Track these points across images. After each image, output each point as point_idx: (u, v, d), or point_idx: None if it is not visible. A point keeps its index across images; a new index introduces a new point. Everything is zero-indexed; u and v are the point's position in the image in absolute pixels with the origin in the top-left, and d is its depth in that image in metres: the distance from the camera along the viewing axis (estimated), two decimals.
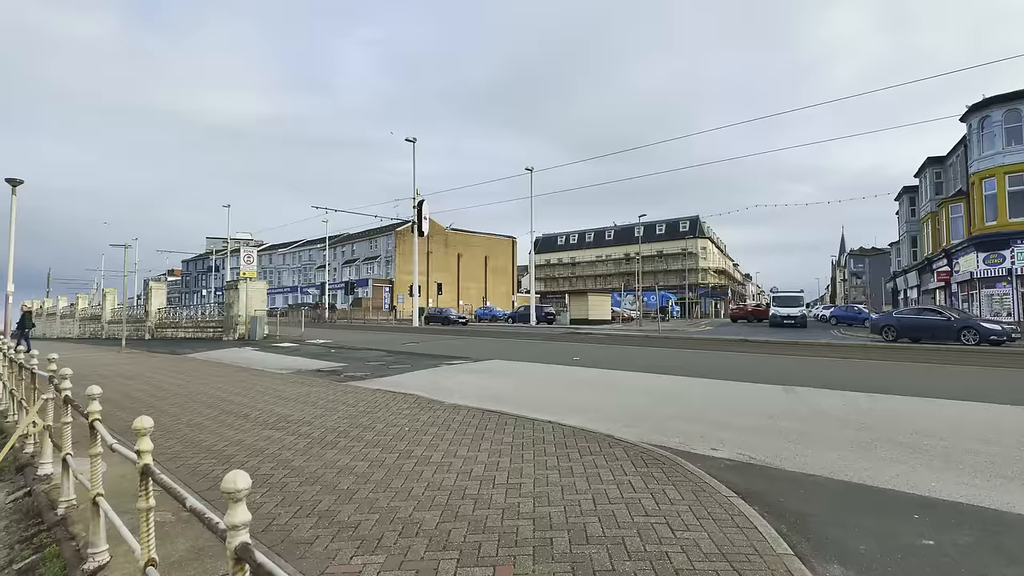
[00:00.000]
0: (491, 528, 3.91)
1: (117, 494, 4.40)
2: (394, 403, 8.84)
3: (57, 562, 3.94)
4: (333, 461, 5.65)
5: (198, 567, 3.57)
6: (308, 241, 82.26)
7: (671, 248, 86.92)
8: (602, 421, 7.57)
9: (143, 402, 9.52)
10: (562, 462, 5.43)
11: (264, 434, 6.91)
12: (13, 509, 5.32)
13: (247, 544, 1.76)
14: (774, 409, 8.51)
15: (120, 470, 5.44)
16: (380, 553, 3.58)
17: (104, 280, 72.50)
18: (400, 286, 70.04)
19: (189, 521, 4.24)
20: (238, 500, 1.80)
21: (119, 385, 11.74)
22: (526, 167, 45.66)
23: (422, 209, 45.12)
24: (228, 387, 11.14)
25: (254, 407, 8.76)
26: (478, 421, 7.37)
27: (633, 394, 10.02)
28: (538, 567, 3.35)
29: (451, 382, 11.78)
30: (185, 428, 7.34)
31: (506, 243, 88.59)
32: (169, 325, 34.06)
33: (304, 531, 3.96)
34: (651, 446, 6.11)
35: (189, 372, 14.23)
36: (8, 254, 21.79)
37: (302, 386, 11.08)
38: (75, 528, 4.41)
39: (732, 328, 39.45)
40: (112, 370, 14.92)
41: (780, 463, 5.77)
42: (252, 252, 31.88)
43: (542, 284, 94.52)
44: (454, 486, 4.81)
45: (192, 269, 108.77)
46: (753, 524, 4.02)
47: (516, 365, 14.99)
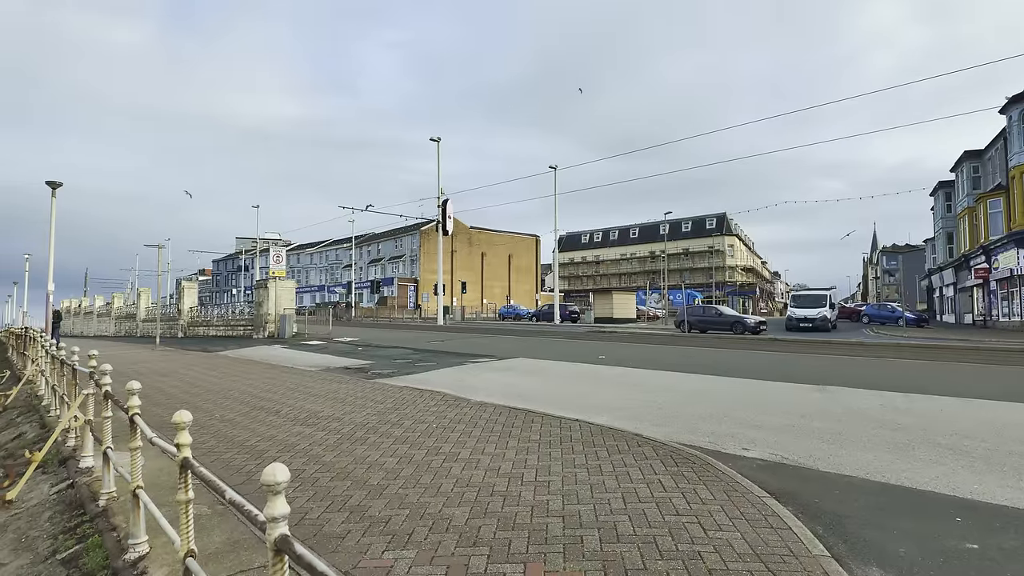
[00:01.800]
0: (521, 525, 3.91)
1: (154, 487, 4.51)
2: (421, 400, 8.90)
3: (99, 552, 4.06)
4: (363, 457, 5.71)
5: (234, 559, 3.64)
6: (335, 241, 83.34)
7: (697, 246, 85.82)
8: (629, 420, 7.51)
9: (177, 398, 9.76)
10: (590, 460, 5.40)
11: (295, 430, 7.02)
12: (57, 500, 5.50)
13: (287, 536, 1.79)
14: (806, 409, 8.35)
15: (157, 464, 5.58)
16: (411, 548, 3.61)
17: (138, 280, 74.44)
18: (425, 285, 70.52)
19: (224, 514, 4.33)
20: (277, 493, 1.83)
21: (154, 381, 12.05)
22: (550, 165, 45.62)
23: (446, 208, 45.32)
24: (259, 384, 11.35)
25: (285, 403, 8.91)
26: (504, 419, 7.37)
27: (660, 393, 9.92)
28: (569, 565, 3.33)
29: (476, 380, 11.82)
30: (218, 424, 7.50)
31: (529, 242, 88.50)
32: (201, 323, 34.85)
33: (336, 525, 4.01)
34: (680, 445, 6.05)
35: (221, 369, 14.54)
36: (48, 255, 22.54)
37: (331, 383, 11.23)
38: (116, 519, 4.53)
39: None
40: (147, 367, 15.32)
41: (814, 463, 5.66)
42: (281, 252, 32.44)
43: (566, 283, 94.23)
44: (482, 483, 4.83)
45: (222, 269, 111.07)
46: (787, 525, 3.94)
47: (541, 363, 14.98)
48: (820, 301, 33.13)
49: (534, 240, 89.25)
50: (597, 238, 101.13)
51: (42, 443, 6.93)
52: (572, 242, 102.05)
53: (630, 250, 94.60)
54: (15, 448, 8.17)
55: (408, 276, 75.05)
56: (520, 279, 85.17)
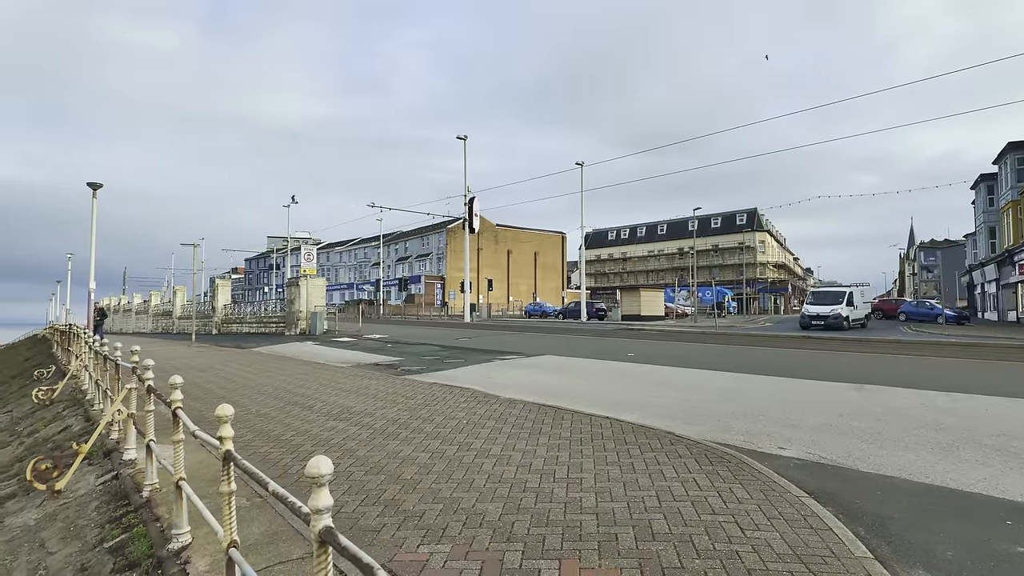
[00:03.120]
0: (554, 522, 3.90)
1: (194, 479, 4.62)
2: (451, 396, 8.95)
3: (144, 541, 4.18)
4: (395, 452, 5.77)
5: (273, 551, 3.71)
6: (363, 239, 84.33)
7: (727, 242, 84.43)
8: (661, 418, 7.43)
9: (214, 393, 9.99)
10: (623, 458, 5.36)
11: (328, 424, 7.13)
12: (102, 491, 5.68)
13: (331, 527, 1.81)
14: (844, 408, 8.15)
15: (196, 456, 5.73)
16: (445, 542, 3.63)
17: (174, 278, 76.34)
18: (451, 282, 70.88)
19: (262, 507, 4.42)
20: (321, 485, 1.85)
21: (191, 376, 12.36)
22: (577, 162, 45.30)
23: (473, 206, 45.41)
24: (292, 379, 11.55)
25: (318, 399, 9.05)
26: (534, 416, 7.37)
27: (691, 391, 9.79)
28: (604, 562, 3.31)
29: (505, 377, 11.83)
30: (254, 418, 7.66)
31: (556, 239, 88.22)
32: (234, 320, 35.64)
33: (371, 519, 4.06)
34: (714, 444, 5.96)
35: (255, 365, 14.85)
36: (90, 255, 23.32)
37: (362, 379, 11.37)
38: (159, 510, 4.66)
39: (792, 324, 38.02)
40: (184, 363, 15.73)
41: (853, 463, 5.52)
42: (312, 250, 32.96)
43: (592, 280, 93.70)
44: (514, 479, 4.83)
45: (254, 267, 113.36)
46: (828, 525, 3.85)
47: (569, 361, 14.93)
48: (838, 298, 30.63)
49: (560, 237, 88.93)
50: (624, 235, 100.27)
51: (87, 436, 7.16)
52: (599, 239, 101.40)
53: (658, 247, 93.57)
54: (62, 440, 8.47)
55: (435, 274, 75.55)
56: (546, 276, 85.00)
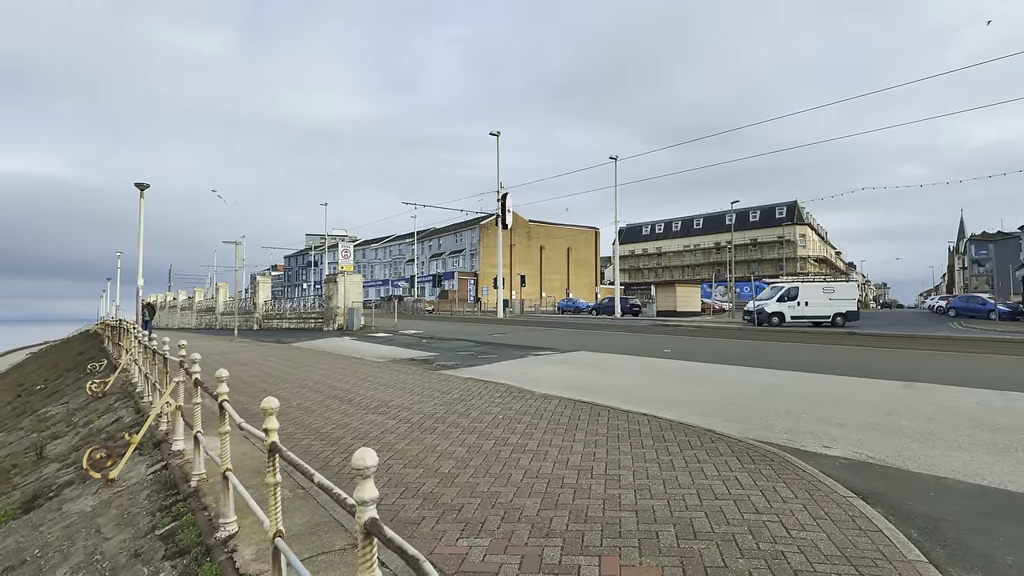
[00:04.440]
0: (593, 518, 3.87)
1: (239, 470, 4.74)
2: (486, 392, 8.98)
3: (193, 529, 4.32)
4: (433, 445, 5.82)
5: (315, 541, 3.78)
6: (398, 236, 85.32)
7: (766, 236, 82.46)
8: (699, 415, 7.31)
9: (256, 386, 10.26)
10: (661, 455, 5.29)
11: (367, 418, 7.24)
12: (153, 480, 5.90)
13: (376, 519, 1.82)
14: (892, 406, 7.87)
15: (240, 448, 5.89)
16: (484, 536, 3.64)
17: (217, 275, 78.65)
18: (484, 278, 71.13)
19: (304, 498, 4.51)
20: (367, 477, 1.87)
21: (234, 371, 12.71)
22: (610, 156, 44.87)
23: (506, 202, 45.44)
24: (331, 374, 11.78)
25: (356, 393, 9.20)
26: (570, 412, 7.33)
27: (730, 388, 9.60)
28: (645, 560, 3.27)
29: (539, 372, 11.81)
30: (295, 411, 7.83)
31: (589, 234, 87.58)
32: (274, 316, 36.53)
33: (411, 512, 4.10)
34: (756, 442, 5.83)
35: (295, 360, 15.19)
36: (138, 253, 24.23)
37: (399, 374, 11.51)
38: (206, 499, 4.81)
39: None
40: (227, 357, 16.19)
41: (903, 463, 5.32)
42: (349, 247, 33.54)
43: (626, 275, 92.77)
44: (552, 474, 4.81)
45: (293, 264, 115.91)
46: (877, 527, 3.73)
47: (604, 357, 14.81)
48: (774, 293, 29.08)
49: (593, 233, 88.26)
50: (659, 229, 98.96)
51: (138, 427, 7.44)
52: (633, 234, 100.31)
53: (694, 241, 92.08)
54: (114, 431, 8.82)
55: (468, 270, 75.89)
56: (579, 272, 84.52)
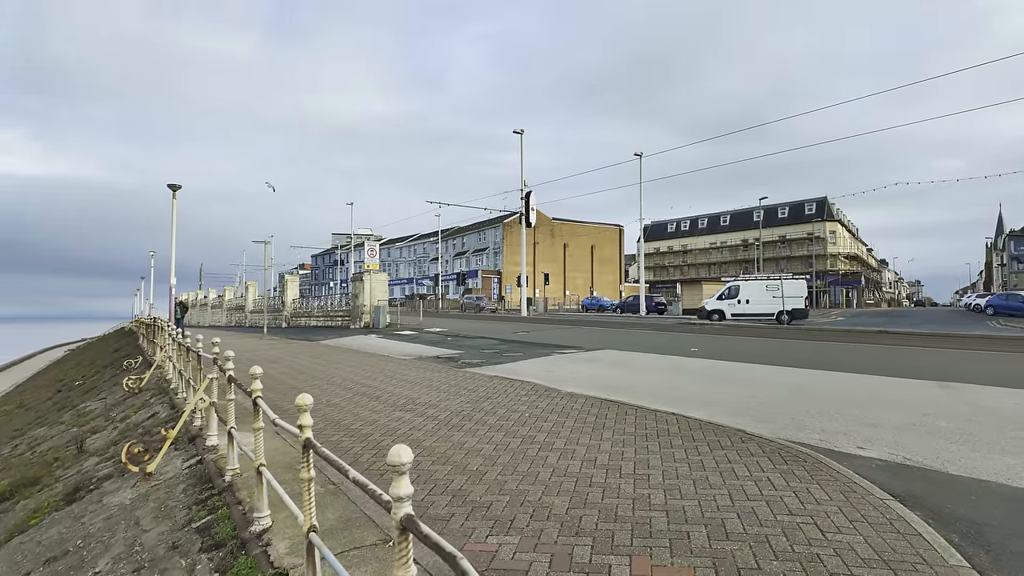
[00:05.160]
0: (623, 517, 3.85)
1: (271, 465, 4.80)
2: (511, 390, 8.99)
3: (228, 523, 4.41)
4: (460, 443, 5.85)
5: (347, 536, 3.83)
6: (422, 235, 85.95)
7: (795, 232, 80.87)
8: (729, 415, 7.21)
9: (286, 383, 10.43)
10: (691, 455, 5.23)
11: (395, 415, 7.31)
12: (188, 474, 6.04)
13: (412, 515, 1.84)
14: (928, 407, 7.66)
15: (272, 444, 6.00)
16: (514, 534, 3.65)
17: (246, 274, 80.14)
18: (508, 276, 71.20)
19: (336, 493, 4.58)
20: (402, 473, 1.88)
21: (265, 368, 12.84)
22: (635, 152, 44.51)
23: (529, 200, 45.39)
24: (359, 371, 11.92)
25: (383, 390, 9.30)
26: (597, 410, 7.30)
27: (760, 387, 9.45)
28: (676, 560, 3.24)
29: (565, 371, 11.78)
30: (324, 408, 7.95)
31: (613, 232, 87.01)
32: (302, 314, 37.12)
33: (440, 508, 4.13)
34: (788, 442, 5.73)
35: (323, 357, 15.41)
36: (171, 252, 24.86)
37: (425, 371, 11.59)
38: (240, 494, 4.91)
39: (866, 318, 36.12)
40: (257, 354, 16.49)
41: (942, 465, 5.18)
42: (375, 246, 33.88)
43: (651, 273, 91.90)
44: (580, 473, 4.80)
45: (320, 263, 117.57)
46: (916, 530, 3.63)
47: (630, 355, 14.71)
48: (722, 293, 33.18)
49: (617, 230, 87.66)
50: (684, 226, 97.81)
51: (173, 422, 7.63)
52: (658, 231, 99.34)
53: (720, 238, 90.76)
54: (151, 426, 9.06)
55: (491, 268, 76.05)
56: (603, 270, 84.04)
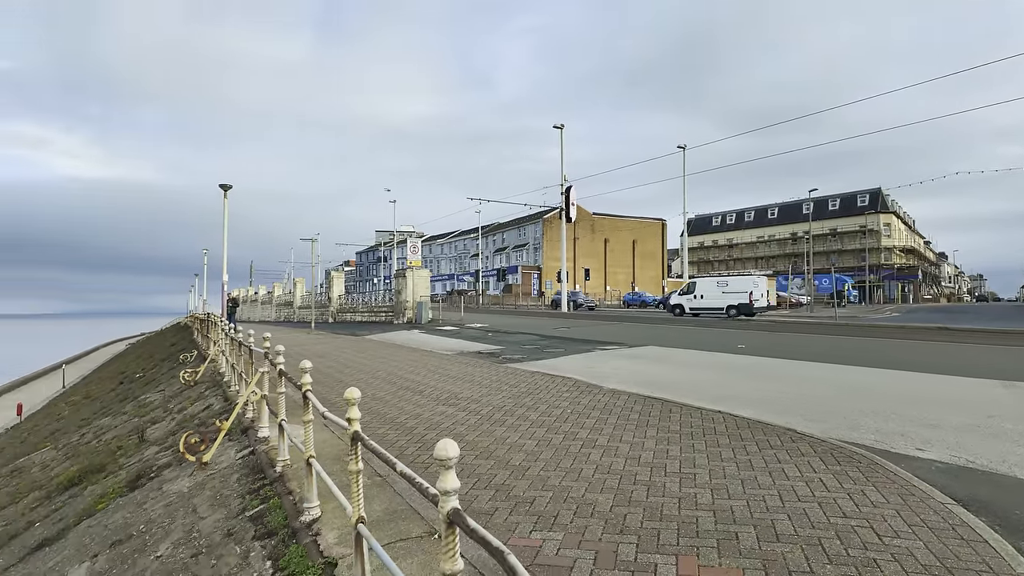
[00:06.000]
0: (668, 516, 3.80)
1: (319, 457, 4.90)
2: (553, 386, 8.98)
3: (279, 512, 4.56)
4: (503, 438, 5.88)
5: (393, 528, 3.90)
6: (463, 231, 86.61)
7: (847, 225, 77.91)
8: (778, 413, 7.01)
9: (333, 377, 10.69)
10: (739, 454, 5.12)
11: (438, 409, 7.40)
12: (242, 465, 6.27)
13: (459, 509, 1.86)
14: (993, 408, 7.28)
15: (320, 436, 6.15)
16: (557, 530, 3.65)
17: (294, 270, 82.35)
18: (548, 272, 71.01)
19: (382, 485, 4.67)
20: (449, 467, 1.90)
21: (313, 362, 13.27)
22: (678, 145, 43.70)
23: (570, 195, 45.14)
24: (403, 366, 12.12)
25: (427, 384, 9.42)
26: (640, 407, 7.22)
27: (811, 385, 9.16)
28: (724, 561, 3.18)
29: (607, 367, 11.68)
30: (370, 401, 8.11)
31: (655, 226, 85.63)
32: (348, 310, 37.98)
33: (483, 503, 4.17)
34: (841, 442, 5.53)
35: (368, 352, 15.73)
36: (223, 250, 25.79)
37: (466, 366, 11.70)
38: (291, 484, 5.07)
39: (924, 314, 34.54)
40: (306, 349, 16.96)
41: (1009, 469, 4.91)
42: (417, 243, 34.40)
43: (695, 268, 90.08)
44: (623, 471, 4.76)
45: (364, 260, 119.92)
46: (981, 537, 3.46)
47: (674, 352, 14.48)
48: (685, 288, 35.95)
49: (660, 224, 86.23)
50: (730, 220, 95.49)
51: (227, 414, 7.92)
52: (702, 225, 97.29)
53: (768, 232, 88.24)
54: (206, 417, 9.43)
55: (531, 264, 76.00)
56: (645, 265, 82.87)
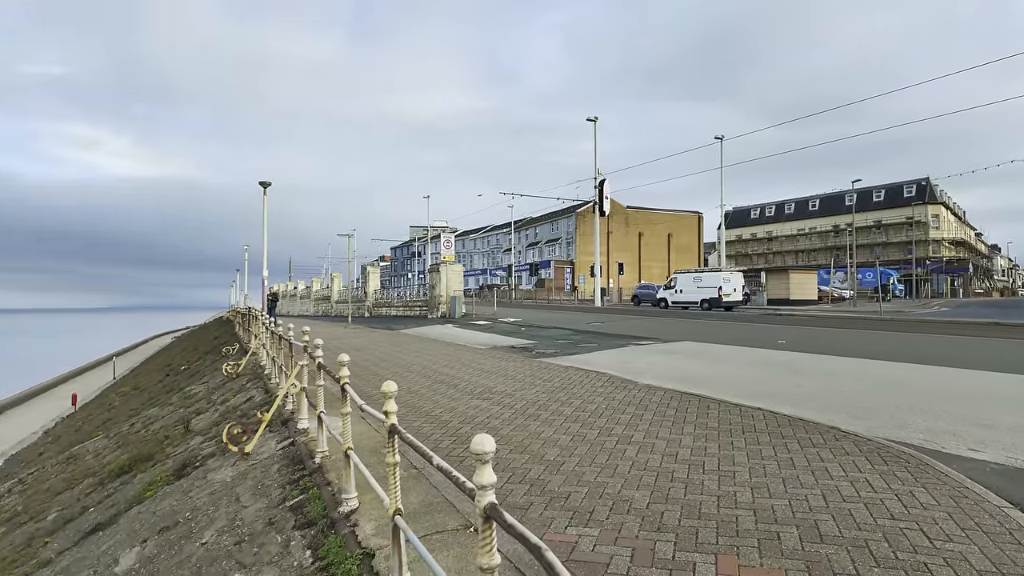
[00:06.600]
0: (707, 515, 3.73)
1: (356, 448, 4.99)
2: (587, 380, 8.92)
3: (318, 503, 4.65)
4: (537, 432, 5.87)
5: (429, 520, 3.93)
6: (495, 226, 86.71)
7: (892, 217, 75.16)
8: (819, 410, 6.81)
9: (369, 370, 10.85)
10: (780, 452, 4.99)
11: (472, 403, 7.44)
12: (282, 455, 6.42)
13: (495, 504, 1.86)
14: None
15: (357, 428, 6.24)
16: (593, 526, 3.62)
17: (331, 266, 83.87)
18: (581, 266, 70.59)
19: (417, 478, 4.71)
20: (485, 462, 1.90)
21: (349, 355, 13.51)
22: (716, 136, 42.77)
23: (603, 188, 44.70)
24: (437, 359, 12.22)
25: (461, 378, 9.48)
26: (677, 403, 7.11)
27: (855, 382, 8.88)
28: (766, 561, 3.10)
29: (641, 362, 11.55)
30: (405, 395, 8.20)
31: (691, 219, 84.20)
32: (383, 304, 38.54)
33: (518, 497, 4.16)
34: (887, 441, 5.35)
35: (404, 346, 15.92)
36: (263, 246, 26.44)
37: (500, 361, 11.72)
38: (329, 475, 5.16)
39: (975, 309, 33.11)
40: (343, 343, 17.26)
41: None
42: (450, 238, 34.65)
43: (733, 262, 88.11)
44: (660, 468, 4.69)
45: (399, 255, 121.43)
46: None
47: (711, 347, 14.22)
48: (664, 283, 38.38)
49: (696, 217, 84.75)
50: (769, 212, 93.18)
51: (268, 406, 8.12)
52: (740, 218, 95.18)
53: (809, 224, 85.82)
54: (247, 409, 9.69)
55: (564, 258, 75.67)
56: (681, 259, 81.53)
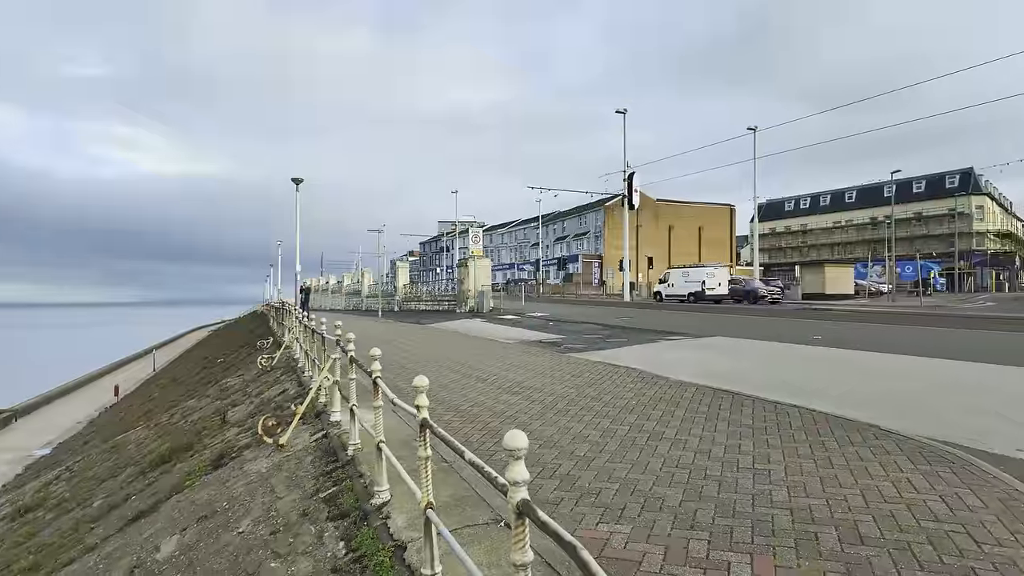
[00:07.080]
0: (741, 513, 3.66)
1: (387, 442, 5.06)
2: (616, 376, 8.85)
3: (351, 495, 4.71)
4: (566, 428, 5.84)
5: (459, 514, 3.95)
6: (523, 221, 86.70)
7: (933, 208, 72.62)
8: (858, 408, 6.63)
9: (399, 364, 10.96)
10: (817, 451, 4.87)
11: (502, 398, 7.45)
12: (315, 447, 6.53)
13: (528, 500, 1.85)
14: None
15: (388, 421, 6.27)
16: (625, 523, 3.58)
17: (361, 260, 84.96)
18: (609, 261, 70.04)
19: (448, 471, 4.74)
20: (518, 458, 1.90)
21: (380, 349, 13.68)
22: (748, 127, 41.91)
23: (632, 182, 44.24)
24: (466, 353, 12.28)
25: (490, 372, 9.51)
26: (709, 400, 7.00)
27: (894, 379, 8.62)
28: (804, 563, 3.03)
29: (672, 358, 11.41)
30: (436, 389, 8.25)
31: (723, 212, 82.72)
32: (412, 299, 38.96)
33: (548, 492, 4.15)
34: (930, 440, 5.17)
35: (433, 340, 16.05)
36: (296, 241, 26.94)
37: (528, 355, 11.72)
38: (362, 468, 5.23)
39: (1020, 305, 31.79)
40: (374, 337, 17.45)
41: None
42: (479, 232, 34.82)
43: (766, 255, 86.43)
44: (693, 465, 4.62)
45: (427, 250, 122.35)
46: None
47: (744, 343, 13.97)
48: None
49: (728, 210, 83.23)
50: (804, 204, 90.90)
51: (301, 398, 8.27)
52: (773, 210, 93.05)
53: (845, 216, 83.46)
54: (281, 401, 9.89)
55: (592, 253, 75.19)
56: (712, 253, 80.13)
